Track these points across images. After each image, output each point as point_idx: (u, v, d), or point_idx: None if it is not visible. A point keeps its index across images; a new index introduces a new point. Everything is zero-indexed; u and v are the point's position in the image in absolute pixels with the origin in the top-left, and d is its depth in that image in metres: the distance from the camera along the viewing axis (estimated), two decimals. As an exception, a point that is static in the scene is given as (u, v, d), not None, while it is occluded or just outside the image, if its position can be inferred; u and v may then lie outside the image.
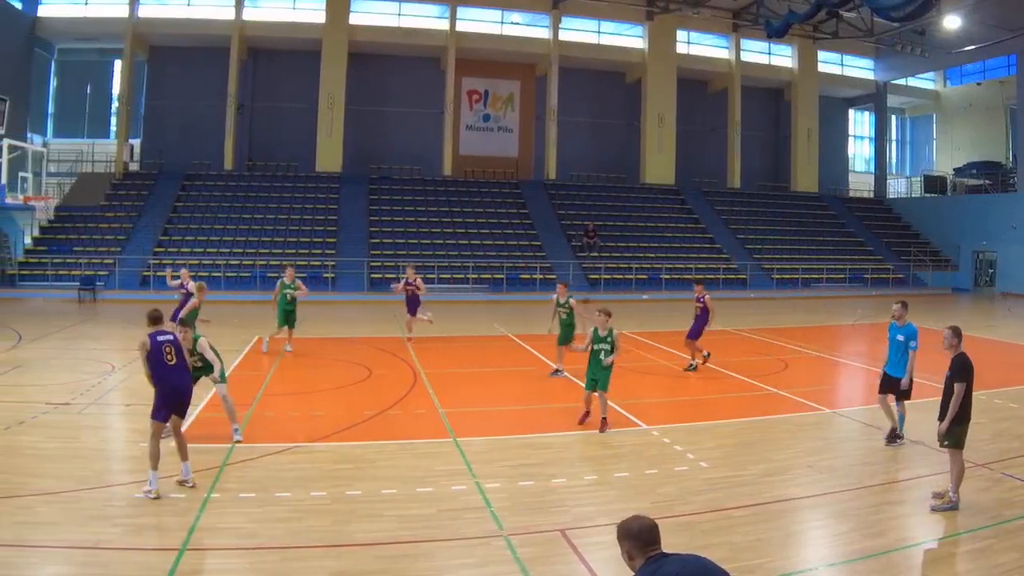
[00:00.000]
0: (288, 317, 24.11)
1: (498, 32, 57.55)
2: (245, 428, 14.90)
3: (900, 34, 55.62)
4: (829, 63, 65.10)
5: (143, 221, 47.29)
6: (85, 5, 52.48)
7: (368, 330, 31.10)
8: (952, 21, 50.28)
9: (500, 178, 57.76)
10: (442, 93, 56.00)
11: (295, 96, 55.00)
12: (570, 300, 20.98)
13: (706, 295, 22.93)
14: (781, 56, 63.85)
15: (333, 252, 46.47)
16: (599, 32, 59.37)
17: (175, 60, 54.57)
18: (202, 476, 12.22)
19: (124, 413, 16.56)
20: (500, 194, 55.53)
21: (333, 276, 44.30)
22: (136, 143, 54.46)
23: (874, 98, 67.50)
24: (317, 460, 13.64)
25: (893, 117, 72.42)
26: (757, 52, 63.19)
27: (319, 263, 44.63)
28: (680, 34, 59.73)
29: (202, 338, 14.11)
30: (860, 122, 72.84)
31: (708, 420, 16.87)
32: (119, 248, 44.17)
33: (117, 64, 54.79)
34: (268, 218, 49.06)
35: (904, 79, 66.87)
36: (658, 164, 58.37)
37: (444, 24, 55.86)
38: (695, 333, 22.67)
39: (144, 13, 52.26)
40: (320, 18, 53.67)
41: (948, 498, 11.31)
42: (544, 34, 57.71)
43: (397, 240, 48.72)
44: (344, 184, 53.23)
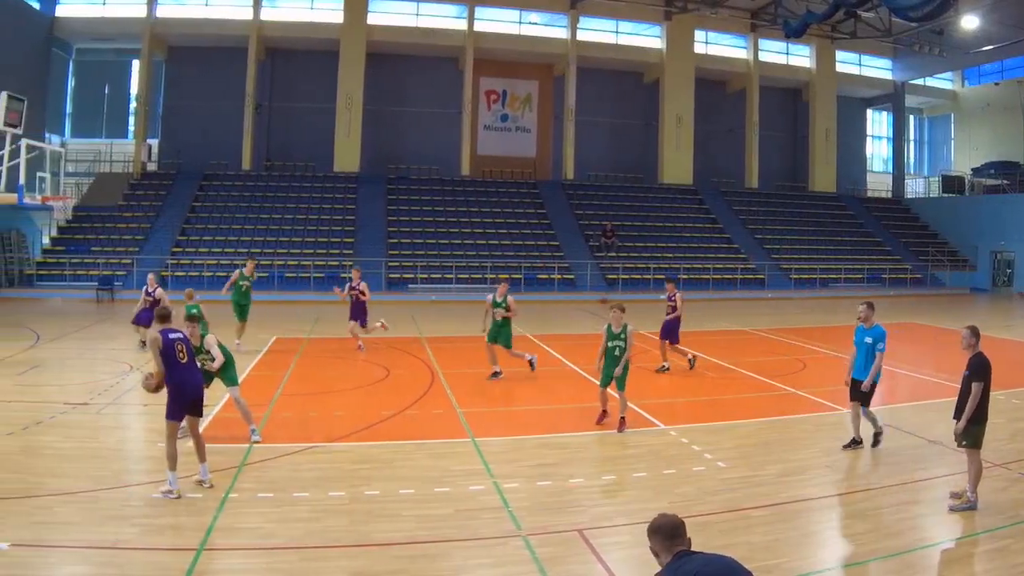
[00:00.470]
0: (242, 311, 24.50)
1: (516, 32, 57.55)
2: (263, 428, 14.90)
3: (918, 34, 55.51)
4: (847, 63, 64.91)
5: (161, 221, 47.44)
6: (103, 5, 52.60)
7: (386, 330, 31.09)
8: (970, 21, 50.12)
9: (518, 178, 57.71)
10: (460, 93, 56.00)
11: (313, 96, 54.95)
12: (508, 299, 20.92)
13: (677, 293, 22.88)
14: (799, 56, 63.74)
15: (351, 252, 46.39)
16: (617, 32, 59.28)
17: (193, 60, 54.63)
18: (220, 476, 12.24)
19: (142, 413, 16.52)
20: (518, 194, 55.50)
21: (351, 276, 43.99)
22: (154, 143, 54.58)
23: (892, 98, 67.23)
24: (335, 460, 13.63)
25: (911, 117, 72.23)
26: (775, 52, 63.04)
27: (337, 263, 44.67)
28: (698, 34, 59.69)
29: (210, 334, 14.27)
30: (878, 122, 72.53)
31: (726, 420, 16.82)
32: (137, 248, 44.30)
33: (135, 64, 55.05)
34: (286, 218, 49.09)
35: (922, 79, 66.65)
36: (676, 164, 58.34)
37: (462, 24, 55.85)
38: (668, 333, 22.51)
39: (162, 13, 52.35)
40: (338, 18, 53.66)
41: (966, 498, 11.27)
42: (562, 34, 57.62)
43: (415, 240, 48.75)
44: (362, 184, 53.22)
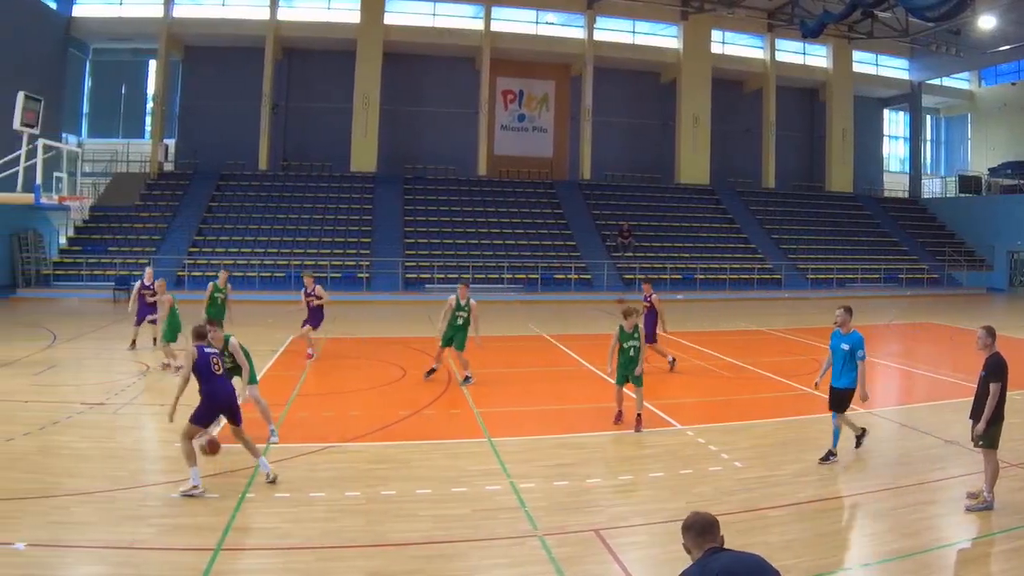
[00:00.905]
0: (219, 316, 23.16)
1: (533, 32, 57.55)
2: (280, 428, 14.94)
3: (935, 34, 55.37)
4: (864, 63, 64.77)
5: (178, 221, 47.56)
6: (120, 5, 52.74)
7: (403, 330, 31.09)
8: (987, 21, 50.06)
9: (535, 178, 57.67)
10: (477, 93, 56.04)
11: (330, 96, 55.00)
12: (471, 302, 20.28)
13: (653, 295, 22.93)
14: (816, 56, 63.66)
15: (368, 252, 46.51)
16: (634, 32, 59.27)
17: (210, 60, 54.73)
18: (237, 476, 12.30)
19: (159, 413, 16.43)
20: (535, 194, 55.45)
21: (368, 276, 44.40)
22: (171, 143, 54.61)
23: (909, 98, 67.11)
24: (352, 460, 13.64)
25: (928, 117, 72.13)
26: (792, 52, 63.01)
27: (354, 263, 44.78)
28: (715, 34, 59.69)
29: (232, 337, 14.19)
30: (895, 122, 72.37)
31: (743, 420, 16.82)
32: (154, 248, 44.34)
33: (152, 64, 55.12)
34: (303, 218, 49.18)
35: (939, 79, 66.53)
36: (693, 164, 58.24)
37: (479, 24, 55.89)
38: (648, 335, 21.65)
39: (179, 13, 52.49)
40: (355, 18, 53.70)
41: (983, 498, 11.24)
42: (579, 34, 57.66)
43: (432, 240, 48.78)
44: (379, 184, 53.26)
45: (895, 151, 73.02)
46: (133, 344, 24.90)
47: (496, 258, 47.53)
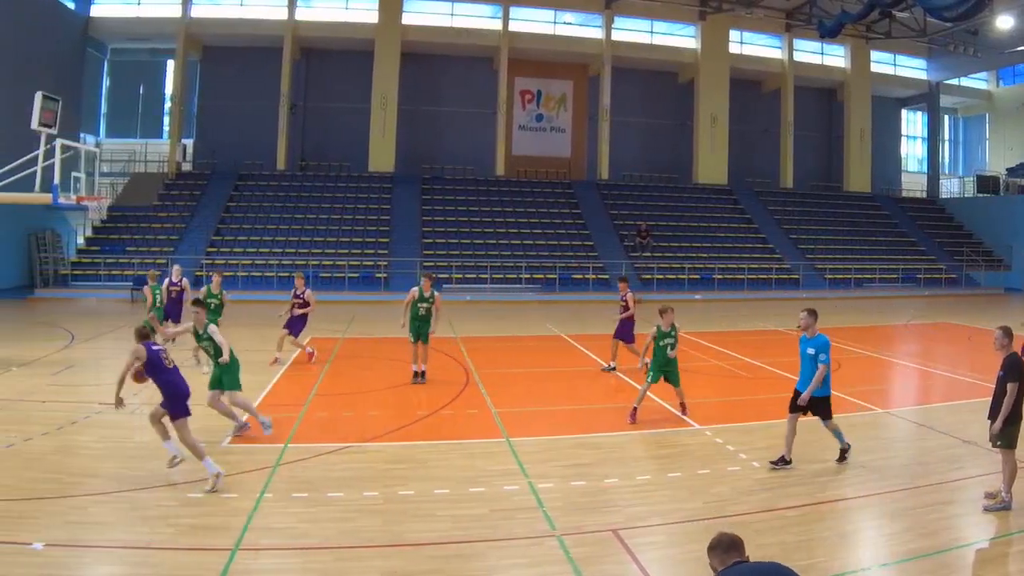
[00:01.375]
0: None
1: (551, 32, 57.56)
2: (298, 428, 15.03)
3: (953, 34, 55.32)
4: (882, 63, 64.71)
5: (196, 221, 47.66)
6: (138, 5, 52.92)
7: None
8: (1005, 21, 49.94)
9: (553, 178, 57.73)
10: (495, 93, 56.05)
11: (348, 96, 55.13)
12: (435, 295, 20.25)
13: (628, 293, 22.74)
14: (834, 56, 63.55)
15: (386, 252, 46.60)
16: (652, 32, 59.25)
17: (228, 60, 54.87)
18: (254, 476, 12.37)
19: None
20: (553, 194, 55.48)
21: (386, 276, 44.44)
22: (189, 143, 54.90)
23: (927, 98, 67.02)
24: (370, 460, 13.66)
25: (946, 117, 71.87)
26: (810, 52, 62.92)
27: (372, 263, 44.83)
28: (733, 34, 59.58)
29: (213, 324, 14.64)
30: (913, 122, 72.32)
31: (760, 420, 16.78)
32: (172, 248, 44.38)
33: (170, 64, 55.25)
34: (321, 218, 49.24)
35: (957, 79, 66.41)
36: (711, 164, 58.22)
37: (497, 24, 55.96)
38: (624, 335, 22.37)
39: (196, 13, 52.65)
40: (373, 18, 53.81)
41: (1000, 498, 11.24)
42: (597, 34, 57.66)
43: (450, 240, 48.81)
44: (397, 184, 53.33)
45: (913, 151, 72.94)
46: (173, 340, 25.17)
47: (514, 258, 47.55)
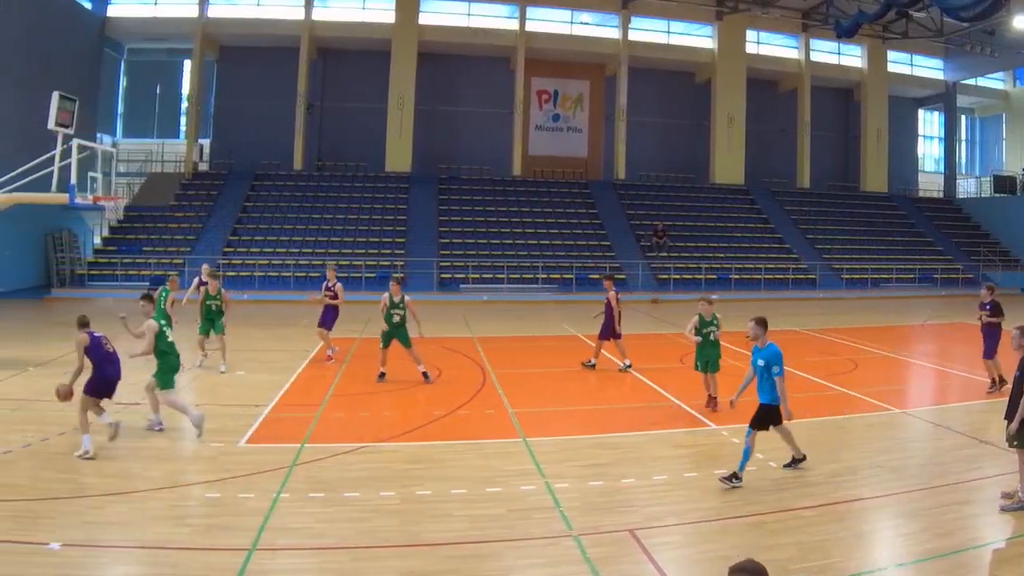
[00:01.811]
0: (214, 324, 22.16)
1: (567, 32, 57.60)
2: (315, 428, 15.15)
3: (969, 34, 55.28)
4: (899, 63, 64.61)
5: (212, 221, 47.79)
6: (154, 5, 53.08)
7: (437, 330, 31.00)
8: (1022, 21, 49.74)
9: (569, 178, 57.70)
10: (512, 93, 56.05)
11: (364, 96, 55.17)
12: (405, 299, 20.26)
13: (612, 291, 22.70)
14: (851, 56, 63.49)
15: (403, 252, 46.64)
16: (668, 32, 59.23)
17: (244, 60, 55.01)
18: (271, 476, 12.34)
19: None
20: (569, 194, 55.45)
21: (402, 276, 44.03)
22: (205, 143, 55.08)
23: (943, 98, 66.86)
24: (386, 460, 13.63)
25: (963, 117, 71.70)
26: (827, 52, 62.87)
27: (388, 263, 44.77)
28: (749, 34, 59.56)
29: (151, 321, 15.44)
30: (929, 122, 72.13)
31: (778, 420, 16.69)
32: (188, 248, 44.56)
33: (186, 64, 55.62)
34: (338, 218, 49.32)
35: (973, 79, 66.24)
36: (727, 164, 58.25)
37: (514, 24, 55.94)
38: (608, 332, 22.45)
39: (213, 13, 52.77)
40: (390, 18, 53.87)
41: (1017, 498, 11.18)
42: (614, 34, 57.63)
43: (467, 240, 48.83)
44: (414, 184, 53.35)
45: (930, 151, 72.79)
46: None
47: (531, 258, 47.56)
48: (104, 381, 13.92)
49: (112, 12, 52.28)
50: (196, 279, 24.67)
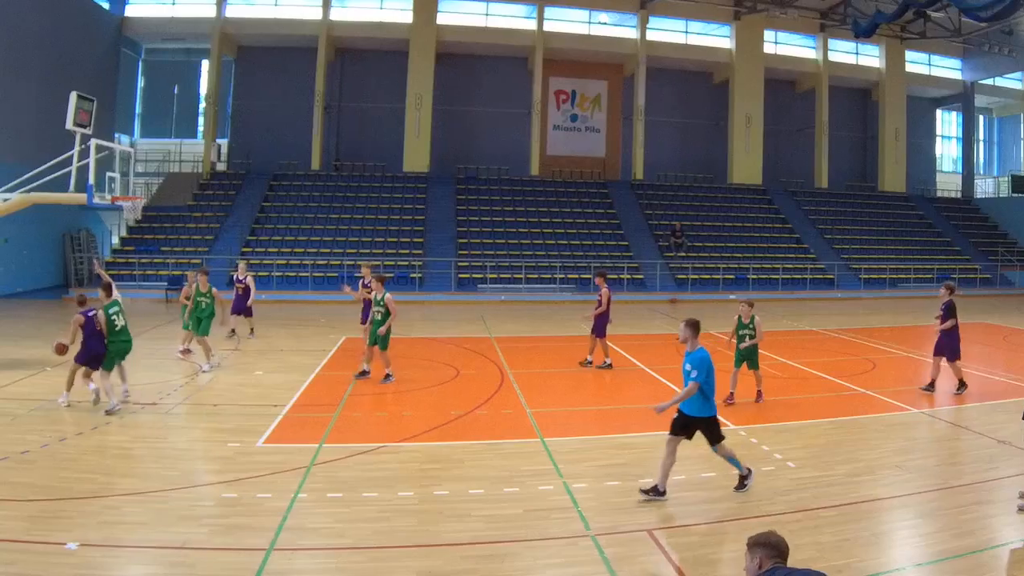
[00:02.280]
0: (200, 324, 22.14)
1: (585, 32, 57.53)
2: (332, 428, 15.23)
3: (987, 34, 55.26)
4: (916, 63, 64.46)
5: (230, 221, 47.81)
6: (172, 5, 53.19)
7: (456, 330, 31.09)
8: (1040, 21, 49.61)
9: (587, 178, 57.68)
10: (529, 93, 56.13)
11: (382, 96, 55.29)
12: (386, 296, 20.04)
13: (604, 288, 22.93)
14: (868, 56, 63.35)
15: (420, 252, 46.59)
16: (686, 32, 59.16)
17: (262, 60, 55.12)
18: (289, 476, 12.38)
19: (211, 413, 16.67)
20: (587, 194, 55.36)
21: (420, 276, 44.40)
22: (223, 143, 55.11)
23: (961, 98, 66.70)
24: (404, 460, 13.66)
25: (980, 117, 71.63)
26: (844, 52, 62.76)
27: (407, 263, 44.80)
28: (767, 34, 59.51)
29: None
30: (947, 122, 72.02)
31: (795, 420, 16.77)
32: (207, 248, 44.64)
33: (204, 64, 55.69)
34: (355, 218, 49.31)
35: (991, 79, 65.97)
36: (745, 164, 58.16)
37: (532, 24, 55.90)
38: (599, 330, 22.61)
39: (231, 13, 52.83)
40: (407, 18, 53.86)
41: (1035, 498, 11.14)
42: (632, 34, 57.57)
43: (485, 240, 48.78)
44: (431, 184, 53.38)
45: (948, 151, 72.64)
46: (233, 332, 26.89)
47: (548, 258, 47.54)
48: (90, 354, 16.67)
49: (130, 12, 52.39)
50: (234, 278, 25.70)
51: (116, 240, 46.80)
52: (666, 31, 58.59)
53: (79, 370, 16.72)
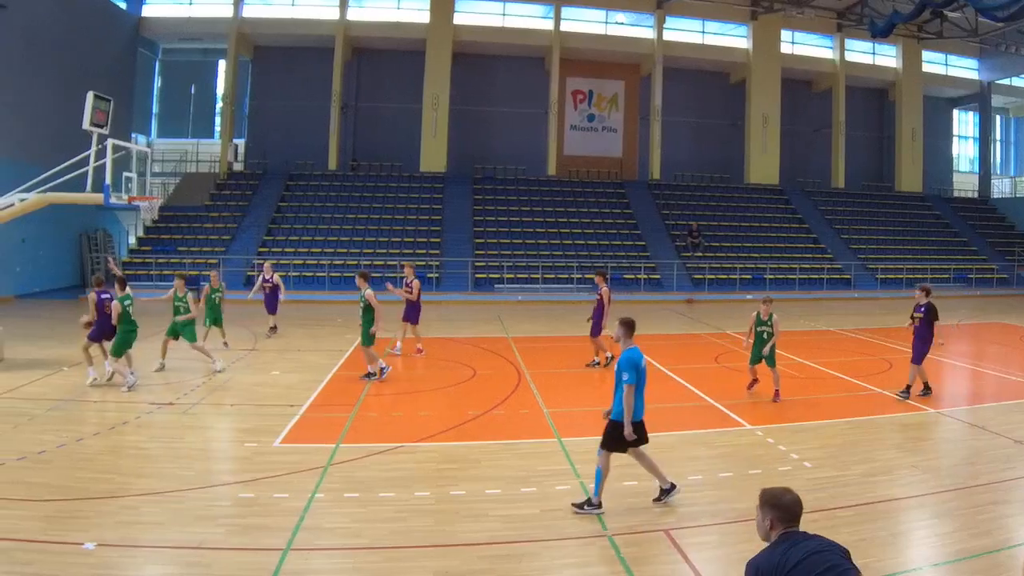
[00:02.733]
0: (184, 331, 22.31)
1: (602, 32, 57.50)
2: (349, 428, 15.27)
3: (1004, 34, 55.18)
4: (933, 63, 64.37)
5: (247, 221, 47.87)
6: (189, 5, 53.26)
7: (472, 330, 31.11)
8: (1058, 22, 49.39)
9: (604, 178, 57.66)
10: (546, 93, 56.11)
11: (399, 96, 55.36)
12: (366, 293, 19.99)
13: (603, 287, 22.96)
14: (885, 56, 63.23)
15: (437, 252, 46.57)
16: (703, 32, 59.12)
17: (279, 60, 55.11)
18: (306, 476, 12.40)
19: (228, 413, 16.74)
20: (604, 194, 55.34)
21: (438, 276, 44.35)
22: (240, 143, 55.23)
23: (978, 98, 66.64)
24: (421, 460, 13.66)
25: (997, 117, 71.38)
26: (861, 52, 62.65)
27: (424, 263, 44.55)
28: (784, 34, 59.37)
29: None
30: (964, 122, 71.87)
31: (812, 420, 16.72)
32: (223, 248, 44.67)
33: (221, 64, 55.69)
34: (372, 218, 49.30)
35: (1008, 79, 65.85)
36: (762, 164, 58.09)
37: (548, 24, 55.93)
38: (597, 329, 22.63)
39: (248, 13, 52.91)
40: (424, 18, 53.92)
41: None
42: (648, 34, 57.55)
43: (502, 240, 48.76)
44: (448, 184, 53.37)
45: (964, 151, 72.49)
46: (274, 329, 27.78)
47: (565, 258, 47.47)
48: (99, 329, 19.38)
49: (147, 12, 52.48)
50: (260, 278, 27.64)
51: (133, 240, 46.88)
52: (683, 31, 58.54)
53: (90, 345, 19.38)
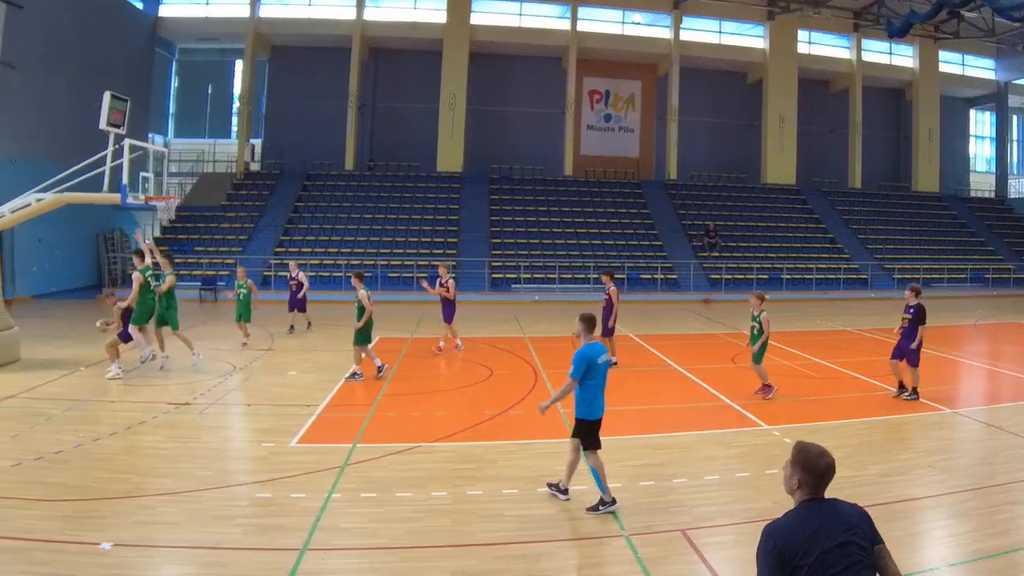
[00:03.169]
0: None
1: (619, 32, 57.56)
2: (366, 428, 15.25)
3: (1021, 34, 55.04)
4: (950, 63, 64.28)
5: (264, 221, 47.97)
6: (206, 5, 53.44)
7: (489, 330, 31.09)
8: (1075, 22, 49.23)
9: (621, 178, 57.69)
10: (563, 93, 56.11)
11: (416, 96, 55.42)
12: (359, 294, 20.38)
13: (611, 286, 22.75)
14: (902, 56, 63.17)
15: (454, 252, 46.60)
16: (720, 32, 59.14)
17: (296, 60, 55.27)
18: (323, 476, 12.39)
19: (245, 413, 16.81)
20: (621, 194, 55.32)
21: (454, 276, 43.85)
22: (257, 143, 55.34)
23: (995, 98, 66.54)
24: (438, 460, 13.63)
25: (1014, 117, 71.10)
26: (878, 52, 62.63)
27: (440, 263, 44.52)
28: (801, 34, 59.39)
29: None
30: (981, 122, 71.75)
31: (829, 420, 16.62)
32: (240, 248, 44.79)
33: (238, 64, 56.00)
34: (389, 218, 49.32)
35: (1025, 79, 65.52)
36: (779, 164, 58.14)
37: (565, 24, 55.93)
38: (607, 329, 22.46)
39: (265, 13, 53.06)
40: (441, 18, 54.00)
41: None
42: (665, 34, 57.57)
43: (518, 240, 48.76)
44: (465, 184, 53.41)
45: (981, 151, 72.38)
46: (291, 328, 28.33)
47: (582, 258, 47.52)
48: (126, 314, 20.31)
49: (164, 12, 52.72)
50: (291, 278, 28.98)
51: (150, 240, 46.94)
52: (700, 31, 58.62)
53: (119, 343, 20.09)
